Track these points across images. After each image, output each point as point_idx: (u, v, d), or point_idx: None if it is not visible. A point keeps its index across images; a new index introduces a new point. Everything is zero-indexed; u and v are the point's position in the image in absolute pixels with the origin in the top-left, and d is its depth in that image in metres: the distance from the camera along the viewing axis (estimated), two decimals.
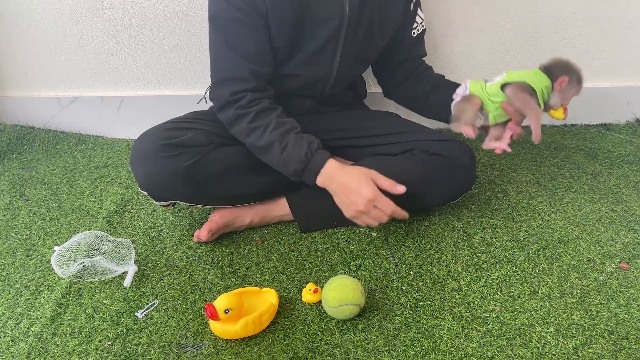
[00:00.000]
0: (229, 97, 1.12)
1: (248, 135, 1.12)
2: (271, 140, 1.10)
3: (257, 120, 1.11)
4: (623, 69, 1.74)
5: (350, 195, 1.09)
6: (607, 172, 1.52)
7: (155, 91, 1.72)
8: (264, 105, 1.13)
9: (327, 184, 1.11)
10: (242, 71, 1.12)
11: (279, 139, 1.10)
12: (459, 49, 1.69)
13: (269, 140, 1.10)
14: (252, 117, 1.11)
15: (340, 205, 1.13)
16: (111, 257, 1.14)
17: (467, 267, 1.14)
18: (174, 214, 1.33)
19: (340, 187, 1.10)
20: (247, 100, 1.12)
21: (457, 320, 1.00)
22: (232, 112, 1.13)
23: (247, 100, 1.12)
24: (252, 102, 1.12)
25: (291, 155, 1.09)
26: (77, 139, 1.72)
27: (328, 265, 1.15)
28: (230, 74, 1.12)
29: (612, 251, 1.19)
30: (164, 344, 0.95)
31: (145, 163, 1.11)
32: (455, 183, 1.24)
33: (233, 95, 1.12)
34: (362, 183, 1.09)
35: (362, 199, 1.08)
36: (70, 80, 1.70)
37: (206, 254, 1.19)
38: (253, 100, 1.12)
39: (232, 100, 1.12)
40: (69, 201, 1.39)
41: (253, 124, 1.11)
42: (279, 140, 1.10)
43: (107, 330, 0.98)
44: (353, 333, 0.98)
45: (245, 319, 0.94)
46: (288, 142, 1.10)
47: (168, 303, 1.05)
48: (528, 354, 0.93)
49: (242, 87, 1.12)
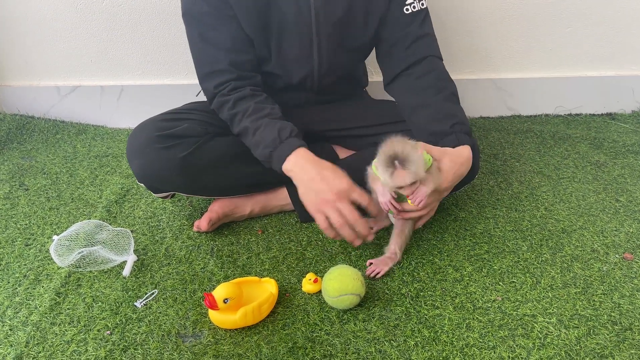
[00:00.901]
0: (213, 90, 1.14)
1: (230, 122, 1.13)
2: (246, 125, 1.09)
3: (237, 106, 1.11)
4: (629, 57, 1.72)
5: (320, 183, 1.00)
6: (612, 162, 1.50)
7: (155, 80, 1.70)
8: (245, 92, 1.12)
9: (296, 172, 1.03)
10: (221, 63, 1.12)
11: (252, 124, 1.08)
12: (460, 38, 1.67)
13: (244, 125, 1.09)
14: (232, 104, 1.11)
15: (305, 196, 1.03)
16: (110, 247, 1.14)
17: (469, 257, 1.13)
18: (173, 204, 1.32)
19: (310, 177, 1.01)
20: (229, 89, 1.12)
21: (459, 310, 0.99)
22: (216, 101, 1.14)
23: (228, 88, 1.12)
24: (233, 90, 1.12)
25: (259, 140, 1.07)
26: (77, 129, 1.72)
27: (328, 255, 1.14)
28: (211, 67, 1.13)
29: (616, 241, 1.17)
30: (162, 333, 0.95)
31: (141, 155, 1.10)
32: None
33: (217, 87, 1.13)
34: (337, 175, 1.02)
35: (332, 188, 1.00)
36: (70, 69, 1.69)
37: (206, 243, 1.18)
38: (235, 89, 1.12)
39: (216, 92, 1.14)
40: (68, 190, 1.38)
41: (233, 110, 1.11)
42: (252, 125, 1.08)
43: (106, 319, 0.98)
44: (353, 323, 0.97)
45: (244, 309, 0.94)
46: (260, 126, 1.07)
47: (167, 292, 1.04)
48: (530, 344, 0.92)
49: (225, 78, 1.12)
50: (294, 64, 1.19)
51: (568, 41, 1.69)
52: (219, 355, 0.90)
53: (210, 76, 1.14)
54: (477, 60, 1.71)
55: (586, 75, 1.73)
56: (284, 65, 1.19)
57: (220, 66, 1.12)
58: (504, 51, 1.70)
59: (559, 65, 1.72)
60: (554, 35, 1.68)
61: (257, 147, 1.08)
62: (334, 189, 1.00)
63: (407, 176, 0.92)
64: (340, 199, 1.00)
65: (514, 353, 0.90)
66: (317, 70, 1.20)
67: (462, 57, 1.70)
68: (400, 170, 0.92)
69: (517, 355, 0.90)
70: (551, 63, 1.72)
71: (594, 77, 1.73)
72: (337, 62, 1.22)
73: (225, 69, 1.12)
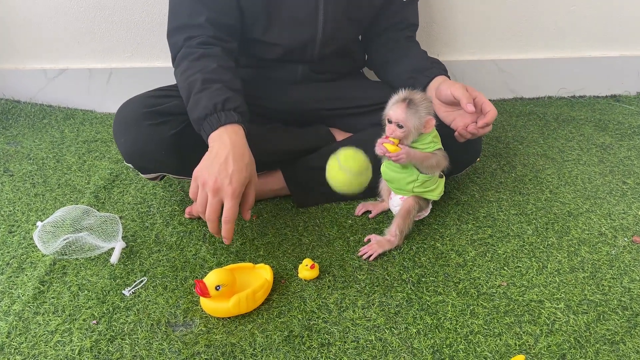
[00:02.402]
0: (182, 42, 1.05)
1: (183, 73, 1.02)
2: (197, 78, 0.99)
3: (200, 61, 1.02)
4: (634, 37, 1.66)
5: (218, 165, 0.91)
6: (618, 144, 1.45)
7: (146, 63, 1.64)
8: (215, 51, 1.04)
9: (214, 142, 0.95)
10: (198, 17, 1.04)
11: (204, 82, 0.98)
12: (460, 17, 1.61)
13: (196, 77, 0.99)
14: (197, 56, 1.02)
15: (201, 163, 0.94)
16: (97, 233, 1.09)
17: (472, 242, 1.09)
18: (164, 189, 1.27)
19: (218, 153, 0.93)
20: (198, 42, 1.04)
21: (462, 296, 0.95)
22: (181, 52, 1.05)
23: (198, 41, 1.04)
24: (202, 44, 1.04)
25: (202, 99, 0.96)
26: (64, 113, 1.66)
27: (326, 240, 1.10)
28: (186, 20, 1.05)
29: (624, 224, 1.13)
30: (151, 322, 0.90)
31: (127, 132, 1.04)
32: (459, 155, 1.17)
33: (187, 40, 1.05)
34: (238, 172, 0.92)
35: (219, 179, 0.91)
36: (57, 52, 1.63)
37: (198, 229, 1.13)
38: (205, 43, 1.04)
39: (184, 44, 1.05)
40: (55, 176, 1.33)
41: (193, 62, 1.01)
42: (203, 82, 0.98)
43: (92, 308, 0.93)
44: (352, 310, 0.92)
45: (237, 296, 0.89)
46: (210, 87, 0.98)
47: (157, 280, 0.99)
48: (537, 330, 0.88)
49: (198, 32, 1.05)
50: (295, 28, 1.13)
51: (572, 21, 1.63)
52: (211, 344, 0.86)
53: (182, 29, 1.06)
54: (479, 41, 1.65)
55: (590, 55, 1.68)
56: (284, 30, 1.13)
57: (197, 20, 1.04)
58: (506, 31, 1.64)
59: (563, 46, 1.67)
60: (558, 15, 1.62)
61: (196, 104, 0.97)
62: (219, 182, 0.91)
63: (403, 112, 0.96)
64: (214, 194, 0.91)
65: (521, 340, 0.86)
66: (320, 36, 1.14)
67: (463, 37, 1.64)
68: (402, 105, 0.97)
69: (524, 342, 0.86)
70: (554, 43, 1.66)
71: (598, 57, 1.68)
72: (339, 32, 1.17)
73: (202, 24, 1.04)
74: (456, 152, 1.14)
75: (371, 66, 1.34)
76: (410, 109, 0.97)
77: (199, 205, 0.94)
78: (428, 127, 1.00)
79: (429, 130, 1.01)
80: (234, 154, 0.93)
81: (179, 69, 1.04)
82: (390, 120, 0.99)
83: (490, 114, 1.02)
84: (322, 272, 1.01)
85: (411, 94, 0.99)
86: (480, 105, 1.03)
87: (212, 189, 0.91)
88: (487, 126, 1.03)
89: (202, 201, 0.93)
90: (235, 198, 0.91)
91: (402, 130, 0.98)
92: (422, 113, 0.98)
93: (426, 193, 1.08)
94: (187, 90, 1.00)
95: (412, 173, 1.05)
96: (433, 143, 1.03)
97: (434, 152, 1.02)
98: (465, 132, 1.04)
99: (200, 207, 0.93)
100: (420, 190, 1.06)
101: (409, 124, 0.97)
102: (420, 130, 1.00)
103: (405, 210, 1.06)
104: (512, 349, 0.85)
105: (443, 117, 1.08)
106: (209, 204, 0.92)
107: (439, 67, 1.16)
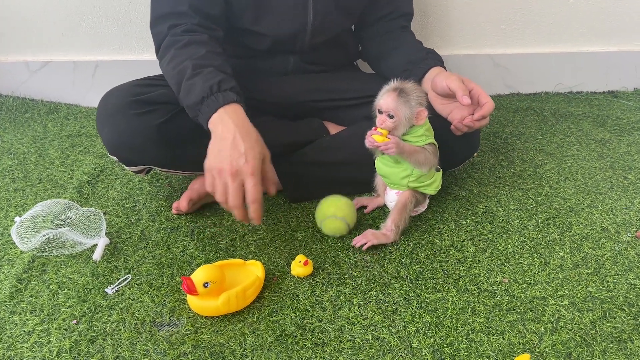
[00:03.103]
0: (167, 31, 1.00)
1: (170, 61, 0.97)
2: (187, 65, 0.94)
3: (187, 48, 0.97)
4: (632, 31, 1.64)
5: (228, 149, 0.87)
6: (617, 139, 1.42)
7: (133, 55, 1.59)
8: (202, 37, 1.00)
9: (216, 125, 0.90)
10: (181, 5, 1.00)
11: (194, 68, 0.93)
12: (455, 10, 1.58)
13: (185, 64, 0.94)
14: (183, 44, 0.97)
15: (210, 151, 0.90)
16: (80, 229, 1.03)
17: (472, 238, 1.05)
18: (151, 184, 1.22)
19: (224, 136, 0.89)
20: (183, 30, 0.99)
21: (462, 293, 0.91)
22: (166, 41, 1.00)
23: (183, 29, 0.99)
24: (188, 32, 0.99)
25: (195, 84, 0.92)
26: (48, 107, 1.60)
27: (320, 237, 1.05)
28: (169, 8, 1.01)
29: (627, 220, 1.10)
30: (135, 322, 0.85)
31: (111, 122, 0.99)
32: (457, 148, 1.13)
33: (171, 28, 1.00)
34: (250, 150, 0.88)
35: (233, 162, 0.86)
36: (40, 43, 1.57)
37: (186, 225, 1.08)
38: (191, 31, 1.00)
39: (168, 33, 1.00)
40: (36, 171, 1.27)
41: (181, 50, 0.97)
42: (194, 68, 0.93)
43: (73, 307, 0.88)
44: (347, 308, 0.88)
45: (227, 294, 0.84)
46: (202, 72, 0.93)
47: (142, 278, 0.94)
48: (541, 329, 0.84)
49: (182, 20, 1.00)
50: (285, 17, 1.09)
51: (569, 15, 1.61)
52: (199, 345, 0.81)
53: (166, 17, 1.01)
54: (474, 35, 1.62)
55: (587, 50, 1.65)
56: (273, 20, 1.09)
57: (180, 8, 1.00)
58: (502, 25, 1.61)
59: (560, 40, 1.64)
60: (555, 8, 1.59)
61: (189, 90, 0.92)
62: (235, 164, 0.87)
63: (394, 101, 0.94)
64: (234, 178, 0.87)
65: (525, 338, 0.82)
66: (310, 26, 1.10)
67: (458, 31, 1.61)
68: (393, 94, 0.94)
69: (528, 340, 0.82)
70: (551, 38, 1.63)
71: (595, 52, 1.65)
72: (330, 19, 1.12)
73: (186, 11, 1.00)
74: (454, 145, 1.10)
75: (365, 58, 1.30)
76: (402, 98, 0.94)
77: (220, 195, 0.88)
78: (420, 119, 0.97)
79: (421, 122, 0.97)
80: (240, 132, 0.88)
81: (165, 59, 0.99)
82: (380, 111, 0.95)
83: (487, 106, 0.98)
84: (316, 268, 0.96)
85: (402, 84, 0.96)
86: (476, 97, 0.99)
87: (230, 172, 0.86)
88: (483, 119, 1.00)
89: (223, 190, 0.88)
90: (255, 175, 0.87)
91: (393, 120, 0.94)
92: (413, 103, 0.95)
93: (423, 187, 1.04)
94: (177, 78, 0.95)
95: (406, 168, 1.01)
96: (425, 136, 0.99)
97: (425, 146, 0.99)
98: (461, 125, 1.01)
99: (222, 197, 0.88)
100: (416, 185, 1.03)
101: (400, 114, 0.94)
102: (412, 122, 0.96)
103: (401, 204, 1.02)
104: (516, 347, 0.81)
105: (440, 109, 1.04)
106: (232, 190, 0.87)
107: (434, 58, 1.12)
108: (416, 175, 1.01)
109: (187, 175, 1.20)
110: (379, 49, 1.22)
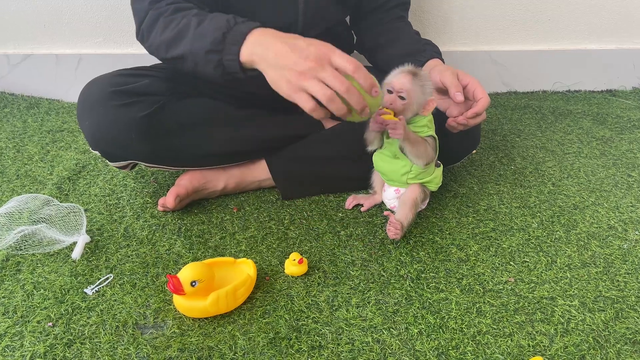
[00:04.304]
0: (148, 6, 0.91)
1: (164, 30, 0.88)
2: (187, 22, 0.86)
3: (176, 13, 0.89)
4: (631, 29, 1.61)
5: (291, 55, 0.78)
6: (618, 137, 1.39)
7: (118, 49, 1.53)
8: (187, 5, 0.91)
9: (258, 53, 0.81)
10: None
11: (195, 18, 0.86)
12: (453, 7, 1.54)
13: (185, 22, 0.86)
14: (170, 12, 0.89)
15: (276, 79, 0.80)
16: (58, 226, 0.97)
17: (474, 236, 1.00)
18: (136, 180, 1.15)
19: (277, 51, 0.79)
20: (168, 2, 0.91)
21: (467, 293, 0.86)
22: (149, 15, 0.91)
23: (167, 2, 0.91)
24: (172, 3, 0.91)
25: (208, 27, 0.84)
26: (28, 102, 1.53)
27: (314, 234, 1.00)
28: None
29: (633, 217, 1.06)
30: (117, 324, 0.78)
31: (92, 114, 0.93)
32: (457, 142, 1.09)
33: (153, 3, 0.91)
34: (310, 41, 0.80)
35: (308, 55, 0.77)
36: (21, 36, 1.50)
37: (172, 222, 1.02)
38: (175, 2, 0.91)
39: (153, 7, 0.92)
40: (14, 167, 1.20)
41: (171, 15, 0.89)
42: (195, 19, 0.86)
43: (49, 309, 0.81)
44: (345, 309, 0.82)
45: (216, 293, 0.78)
46: (205, 19, 0.86)
47: (125, 277, 0.88)
48: (551, 330, 0.79)
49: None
50: (276, 8, 1.03)
51: (568, 12, 1.58)
52: (185, 348, 0.75)
53: None
54: (472, 32, 1.58)
55: (586, 48, 1.62)
56: (264, 11, 1.03)
57: None
58: (500, 22, 1.57)
59: (558, 38, 1.61)
60: (553, 5, 1.56)
61: (202, 36, 0.84)
62: (310, 56, 0.77)
63: (409, 82, 0.90)
64: (321, 65, 0.77)
65: (535, 340, 0.77)
66: (301, 18, 1.05)
67: (456, 28, 1.57)
68: (409, 75, 0.90)
69: (539, 342, 0.77)
70: (549, 35, 1.60)
71: (594, 50, 1.62)
72: (322, 10, 1.07)
73: None
74: (454, 139, 1.05)
75: (361, 50, 1.25)
76: (418, 81, 0.90)
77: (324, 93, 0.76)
78: (428, 109, 0.92)
79: (427, 112, 0.93)
80: (286, 38, 0.80)
81: (154, 32, 0.91)
82: (391, 91, 0.90)
83: (481, 102, 0.94)
84: (311, 267, 0.91)
85: (417, 69, 0.92)
86: (472, 92, 0.95)
87: (315, 60, 0.76)
88: (477, 116, 0.95)
89: (321, 87, 0.76)
90: (337, 50, 0.79)
91: (404, 102, 0.90)
92: (427, 90, 0.91)
93: (423, 184, 0.99)
94: (180, 35, 0.86)
95: (405, 164, 0.96)
96: (427, 127, 0.95)
97: (426, 138, 0.95)
98: (455, 124, 0.96)
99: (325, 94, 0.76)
100: (416, 182, 0.98)
101: (413, 96, 0.90)
102: (420, 109, 0.92)
103: (411, 201, 0.97)
104: (526, 350, 0.76)
105: (438, 104, 1.00)
106: (329, 76, 0.76)
107: (431, 50, 1.09)
108: (415, 171, 0.96)
109: (174, 171, 1.14)
110: (376, 40, 1.17)
